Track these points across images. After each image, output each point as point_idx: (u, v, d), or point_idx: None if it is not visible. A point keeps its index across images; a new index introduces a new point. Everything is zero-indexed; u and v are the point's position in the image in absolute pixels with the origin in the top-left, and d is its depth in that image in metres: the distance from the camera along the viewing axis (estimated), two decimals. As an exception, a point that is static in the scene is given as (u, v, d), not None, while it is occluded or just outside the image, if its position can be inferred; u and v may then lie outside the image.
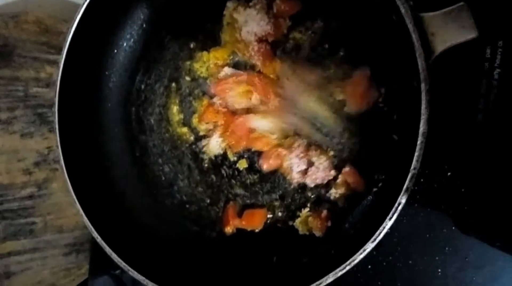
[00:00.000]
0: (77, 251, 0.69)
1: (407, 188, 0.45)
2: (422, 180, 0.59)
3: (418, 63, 0.43)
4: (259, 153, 0.60)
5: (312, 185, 0.58)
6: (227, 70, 0.60)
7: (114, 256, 0.53)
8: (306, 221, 0.57)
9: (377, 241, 0.46)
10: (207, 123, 0.61)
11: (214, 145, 0.61)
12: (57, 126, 0.56)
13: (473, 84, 0.58)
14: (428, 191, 0.59)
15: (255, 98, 0.58)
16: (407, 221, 0.60)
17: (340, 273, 0.47)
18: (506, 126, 0.56)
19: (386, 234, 0.46)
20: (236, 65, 0.61)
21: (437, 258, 0.59)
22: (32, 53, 0.67)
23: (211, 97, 0.62)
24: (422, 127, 0.44)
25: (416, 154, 0.44)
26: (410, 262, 0.60)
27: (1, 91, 0.64)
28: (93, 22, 0.57)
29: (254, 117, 0.58)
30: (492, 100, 0.57)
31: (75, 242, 0.69)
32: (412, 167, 0.45)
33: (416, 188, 0.59)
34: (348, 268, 0.46)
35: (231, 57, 0.61)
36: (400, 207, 0.45)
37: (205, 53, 0.62)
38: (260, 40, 0.58)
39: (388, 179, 0.53)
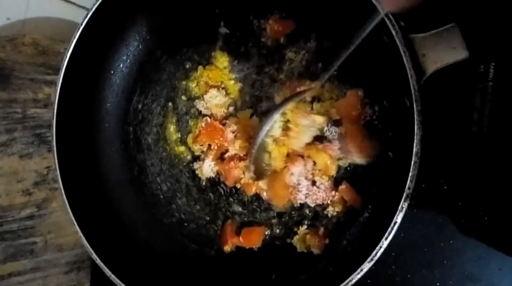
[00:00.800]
0: (78, 269, 0.69)
1: (402, 207, 0.45)
2: (419, 194, 0.59)
3: (410, 84, 0.44)
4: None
5: (313, 205, 0.58)
6: (214, 93, 0.61)
7: (113, 277, 0.53)
8: (304, 238, 0.58)
9: (374, 260, 0.46)
10: (201, 145, 0.62)
11: (207, 169, 0.61)
12: (55, 147, 0.56)
13: (467, 98, 0.58)
14: (425, 204, 0.60)
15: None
16: (405, 235, 0.60)
17: (338, 292, 0.47)
18: (501, 139, 0.56)
19: (385, 249, 0.47)
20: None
21: (435, 271, 0.59)
22: (30, 74, 0.67)
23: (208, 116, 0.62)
24: (415, 147, 0.45)
25: (410, 174, 0.45)
26: (409, 276, 0.60)
27: (0, 114, 0.64)
28: (90, 43, 0.58)
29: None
30: (486, 114, 0.58)
31: (75, 260, 0.69)
32: (406, 187, 0.45)
33: (413, 202, 0.59)
34: (345, 287, 0.47)
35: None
36: (396, 227, 0.46)
37: (200, 70, 0.63)
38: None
39: (384, 196, 0.54)
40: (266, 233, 0.60)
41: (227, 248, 0.60)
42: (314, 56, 0.58)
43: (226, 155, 0.61)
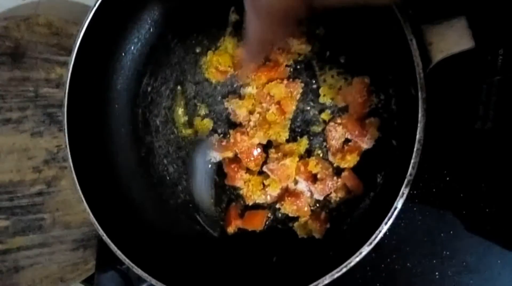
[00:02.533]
0: (84, 247, 0.71)
1: (402, 193, 0.46)
2: (421, 184, 0.60)
3: (415, 72, 0.44)
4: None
5: (321, 198, 0.58)
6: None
7: (119, 253, 0.54)
8: (305, 224, 0.58)
9: (373, 244, 0.47)
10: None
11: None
12: (66, 127, 0.57)
13: (473, 91, 0.58)
14: (427, 195, 0.60)
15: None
16: (405, 225, 0.60)
17: (337, 275, 0.48)
18: (505, 133, 0.57)
19: (385, 237, 0.47)
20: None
21: (434, 261, 0.60)
22: (43, 54, 0.69)
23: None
24: (418, 135, 0.45)
25: (412, 161, 0.45)
26: (408, 264, 0.61)
27: (13, 92, 0.66)
28: (102, 25, 0.58)
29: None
30: (492, 107, 0.58)
31: (82, 238, 0.71)
32: (408, 174, 0.46)
33: (415, 192, 0.60)
34: (344, 270, 0.48)
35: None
36: (396, 212, 0.47)
37: (209, 55, 0.63)
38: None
39: (386, 183, 0.54)
40: (269, 216, 0.61)
41: (230, 229, 0.61)
42: (323, 43, 0.59)
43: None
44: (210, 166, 0.64)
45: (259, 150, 0.60)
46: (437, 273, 0.60)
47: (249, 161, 0.59)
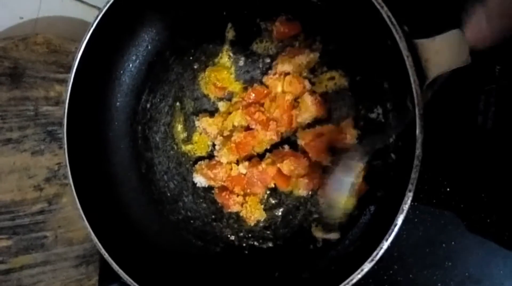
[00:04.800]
0: (87, 263, 0.71)
1: (402, 209, 0.46)
2: (421, 195, 0.60)
3: (412, 89, 0.44)
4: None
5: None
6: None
7: (120, 272, 0.55)
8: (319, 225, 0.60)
9: (374, 261, 0.47)
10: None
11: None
12: (65, 145, 0.58)
13: (471, 100, 0.59)
14: (428, 206, 0.60)
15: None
16: (407, 236, 0.61)
17: (339, 291, 0.48)
18: (504, 142, 0.57)
19: (387, 248, 0.47)
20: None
21: (437, 272, 0.60)
22: (42, 73, 0.69)
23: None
24: (417, 151, 0.45)
25: (411, 176, 0.45)
26: (411, 276, 0.61)
27: (12, 111, 0.66)
28: (101, 43, 0.59)
29: None
30: (490, 116, 0.58)
31: (84, 254, 0.71)
32: (407, 190, 0.46)
33: (415, 203, 0.60)
34: (346, 286, 0.48)
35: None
36: (396, 228, 0.47)
37: (207, 71, 0.64)
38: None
39: (386, 198, 0.54)
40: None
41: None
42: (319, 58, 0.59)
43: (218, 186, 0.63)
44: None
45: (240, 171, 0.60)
46: (439, 284, 0.60)
47: (235, 187, 0.60)
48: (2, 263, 0.66)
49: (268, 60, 0.62)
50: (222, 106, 0.62)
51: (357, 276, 0.47)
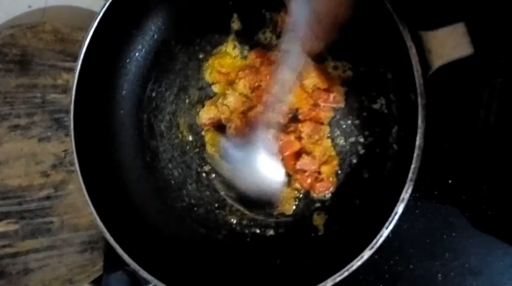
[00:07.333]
0: (92, 249, 0.72)
1: (403, 198, 0.46)
2: (423, 186, 0.60)
3: (415, 79, 0.45)
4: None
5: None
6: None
7: (125, 256, 0.55)
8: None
9: (374, 248, 0.47)
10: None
11: None
12: (72, 132, 0.58)
13: (474, 93, 0.59)
14: (429, 197, 0.61)
15: None
16: (408, 227, 0.61)
17: (339, 278, 0.48)
18: (506, 135, 0.57)
19: (387, 239, 0.48)
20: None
21: (437, 263, 0.60)
22: (50, 61, 0.69)
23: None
24: (418, 141, 0.46)
25: (412, 166, 0.46)
26: (411, 266, 0.61)
27: (20, 98, 0.67)
28: (108, 32, 0.59)
29: None
30: (493, 110, 0.58)
31: (90, 240, 0.72)
32: (408, 179, 0.46)
33: (417, 194, 0.60)
34: (346, 274, 0.48)
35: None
36: (397, 216, 0.47)
37: (212, 60, 0.64)
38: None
39: (387, 187, 0.55)
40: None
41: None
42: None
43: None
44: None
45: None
46: (439, 275, 0.60)
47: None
48: (9, 246, 0.67)
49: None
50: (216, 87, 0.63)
51: (357, 263, 0.48)
